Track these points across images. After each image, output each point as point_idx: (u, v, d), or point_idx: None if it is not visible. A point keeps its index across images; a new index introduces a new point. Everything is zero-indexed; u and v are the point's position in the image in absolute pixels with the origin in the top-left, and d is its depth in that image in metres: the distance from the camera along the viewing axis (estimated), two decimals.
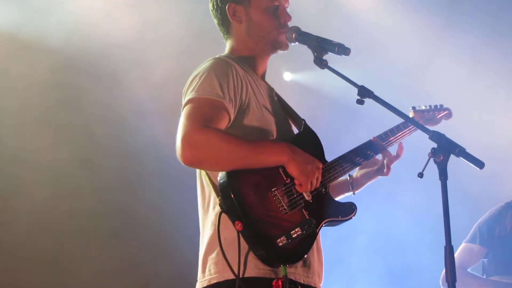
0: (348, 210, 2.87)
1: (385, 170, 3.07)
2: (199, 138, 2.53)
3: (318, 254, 2.85)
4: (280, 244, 2.56)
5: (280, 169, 2.69)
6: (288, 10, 3.03)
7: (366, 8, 6.54)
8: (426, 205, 6.14)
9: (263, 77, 3.09)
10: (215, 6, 3.05)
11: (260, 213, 2.60)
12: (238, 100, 2.73)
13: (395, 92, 5.74)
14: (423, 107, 3.54)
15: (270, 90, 3.07)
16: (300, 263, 2.70)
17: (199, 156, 2.55)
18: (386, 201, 6.61)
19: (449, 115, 3.61)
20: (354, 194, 3.12)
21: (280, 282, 2.56)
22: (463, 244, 5.07)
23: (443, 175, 2.39)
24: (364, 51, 6.12)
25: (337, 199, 3.06)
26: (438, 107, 3.58)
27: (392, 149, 3.11)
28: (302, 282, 2.70)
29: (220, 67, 2.78)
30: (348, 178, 3.11)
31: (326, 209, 2.78)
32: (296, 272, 2.68)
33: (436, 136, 2.44)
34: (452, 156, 2.41)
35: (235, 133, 2.71)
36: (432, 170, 2.44)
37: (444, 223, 2.35)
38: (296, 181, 2.67)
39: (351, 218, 2.87)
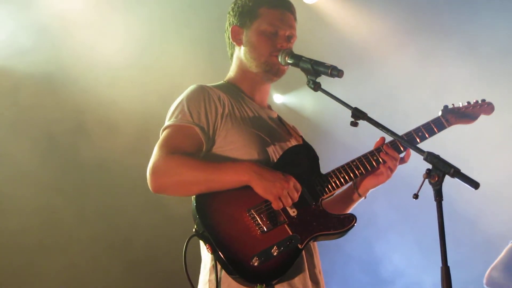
0: (344, 222, 2.84)
1: (389, 173, 3.02)
2: (162, 166, 2.68)
3: (311, 269, 2.86)
4: (255, 264, 2.59)
5: None
6: (292, 41, 3.08)
7: (355, 29, 6.62)
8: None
9: (261, 102, 3.16)
10: (226, 30, 3.18)
11: (230, 235, 2.64)
12: (211, 123, 2.84)
13: (384, 110, 5.85)
14: (460, 104, 3.27)
15: (267, 113, 3.13)
16: (288, 279, 2.71)
17: (162, 183, 2.70)
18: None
19: (490, 109, 3.30)
20: (365, 197, 3.11)
21: None
22: (510, 244, 4.94)
23: (439, 196, 2.37)
24: (354, 70, 6.17)
25: (350, 208, 3.10)
26: (479, 101, 3.30)
27: None
28: None
29: (193, 94, 2.91)
30: (354, 186, 3.10)
31: (314, 224, 2.77)
32: None
33: (430, 157, 2.43)
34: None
35: (215, 154, 2.83)
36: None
37: (440, 244, 2.33)
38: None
39: (348, 229, 2.83)
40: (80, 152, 5.76)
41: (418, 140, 3.07)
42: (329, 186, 2.89)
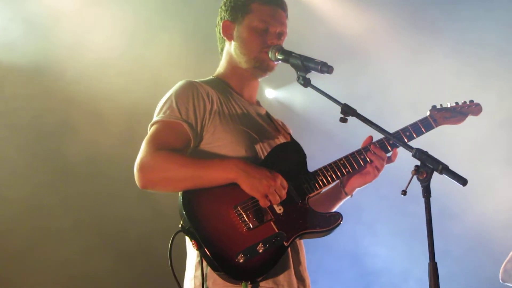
0: (330, 220, 2.84)
1: (375, 173, 3.01)
2: (148, 162, 2.67)
3: (296, 267, 2.85)
4: (240, 261, 2.59)
5: None
6: (283, 38, 3.07)
7: (347, 21, 6.64)
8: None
9: (250, 98, 3.15)
10: (217, 24, 3.17)
11: (216, 231, 2.63)
12: (199, 119, 2.83)
13: (374, 105, 5.88)
14: (448, 105, 3.28)
15: (256, 110, 3.12)
16: (273, 277, 2.71)
17: (149, 180, 2.70)
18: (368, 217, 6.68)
19: (477, 110, 3.33)
20: (351, 196, 3.10)
21: None
22: None
23: (427, 193, 2.39)
24: (345, 65, 6.18)
25: (336, 207, 3.09)
26: (467, 102, 3.33)
27: None
28: None
29: (181, 89, 2.91)
30: (340, 185, 3.09)
31: (300, 221, 2.77)
32: (268, 286, 2.70)
33: (419, 154, 2.45)
34: None
35: (203, 150, 2.82)
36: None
37: (428, 240, 2.35)
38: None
39: (334, 228, 2.84)
40: (67, 143, 5.74)
41: (405, 140, 3.05)
42: (316, 185, 2.89)
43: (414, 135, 3.09)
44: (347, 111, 2.66)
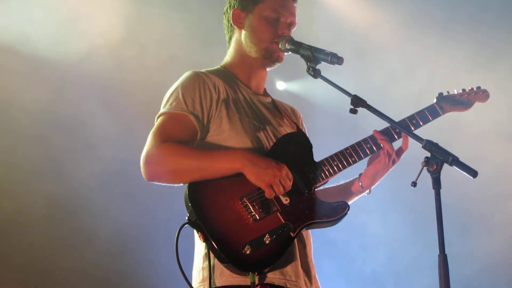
0: (337, 210, 2.83)
1: (392, 162, 2.97)
2: (154, 154, 2.68)
3: (303, 258, 2.85)
4: (247, 252, 2.60)
5: None
6: (292, 28, 3.06)
7: (356, 15, 6.63)
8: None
9: (257, 88, 3.13)
10: (225, 12, 3.15)
11: (223, 223, 2.64)
12: (206, 111, 2.83)
13: (385, 97, 5.86)
14: (455, 92, 3.22)
15: (262, 100, 3.11)
16: (280, 268, 2.71)
17: (155, 172, 2.72)
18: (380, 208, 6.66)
19: (485, 96, 3.27)
20: (369, 192, 3.07)
21: None
22: None
23: (437, 184, 2.39)
24: (353, 58, 6.17)
25: (351, 200, 3.06)
26: (474, 89, 3.26)
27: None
28: (287, 286, 2.72)
29: (187, 81, 2.90)
30: (358, 176, 3.06)
31: (307, 212, 2.77)
32: (275, 277, 2.70)
33: (429, 145, 2.44)
34: None
35: (209, 143, 2.83)
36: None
37: (438, 232, 2.34)
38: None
39: (341, 218, 2.83)
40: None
41: (412, 128, 3.02)
42: (322, 174, 2.88)
43: (421, 123, 3.04)
44: (357, 102, 2.66)
